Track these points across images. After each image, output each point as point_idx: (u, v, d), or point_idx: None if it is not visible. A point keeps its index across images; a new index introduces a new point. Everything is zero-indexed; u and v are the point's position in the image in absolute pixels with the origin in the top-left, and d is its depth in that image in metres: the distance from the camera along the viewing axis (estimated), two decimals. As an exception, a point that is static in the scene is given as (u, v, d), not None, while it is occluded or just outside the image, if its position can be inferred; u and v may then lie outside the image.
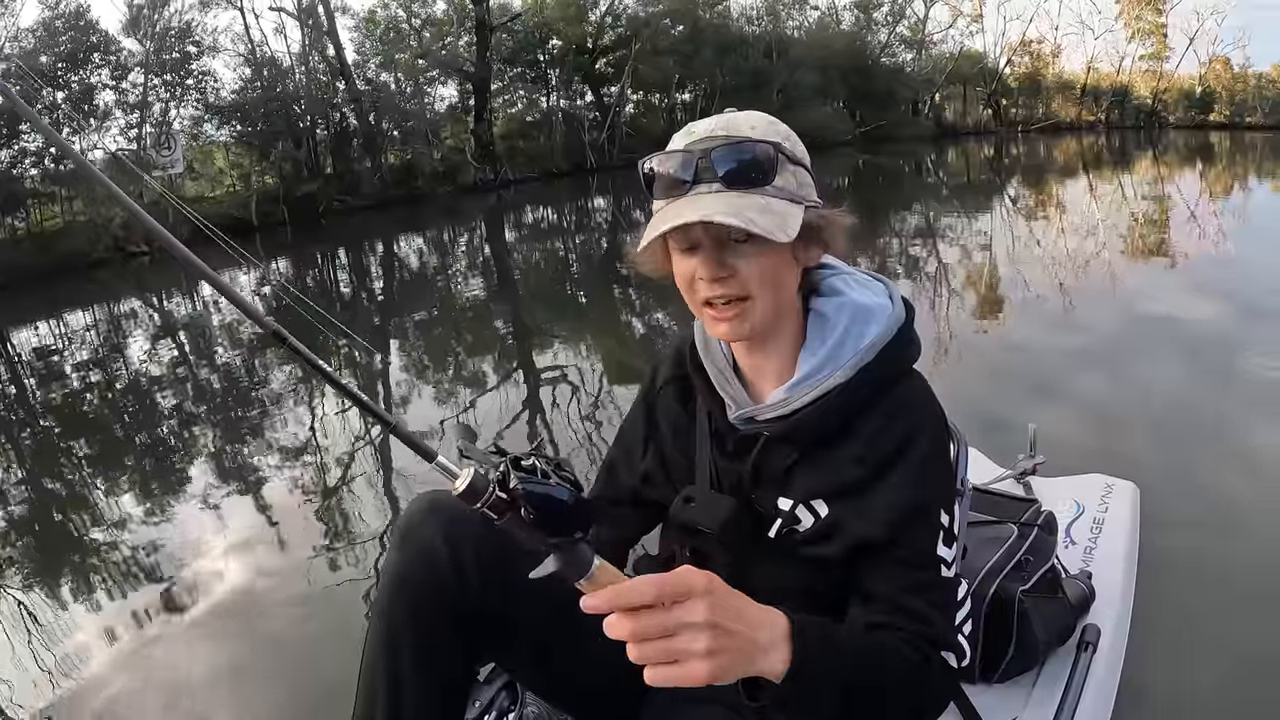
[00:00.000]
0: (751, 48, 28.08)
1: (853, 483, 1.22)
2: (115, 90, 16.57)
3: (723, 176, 1.15)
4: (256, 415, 5.62)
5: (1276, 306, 6.34)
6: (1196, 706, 2.22)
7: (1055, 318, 6.69)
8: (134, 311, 10.70)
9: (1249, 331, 5.74)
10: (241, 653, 2.91)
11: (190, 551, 3.65)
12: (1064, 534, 2.28)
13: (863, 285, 1.32)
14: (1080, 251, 9.68)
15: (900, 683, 1.11)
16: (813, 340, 1.27)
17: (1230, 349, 5.31)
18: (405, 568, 1.26)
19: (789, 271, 1.23)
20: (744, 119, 1.20)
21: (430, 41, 21.75)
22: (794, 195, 1.18)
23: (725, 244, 1.16)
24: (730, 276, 1.16)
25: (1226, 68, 39.03)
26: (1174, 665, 2.31)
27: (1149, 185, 17.67)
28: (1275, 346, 5.24)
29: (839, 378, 1.23)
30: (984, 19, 37.53)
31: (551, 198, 20.37)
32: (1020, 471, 2.60)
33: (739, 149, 1.15)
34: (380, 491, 4.15)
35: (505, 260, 12.30)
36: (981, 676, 1.74)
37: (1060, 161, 25.57)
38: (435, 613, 1.25)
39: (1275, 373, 4.78)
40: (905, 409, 1.24)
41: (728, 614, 0.89)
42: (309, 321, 1.58)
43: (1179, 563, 2.73)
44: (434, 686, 1.27)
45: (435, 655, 1.27)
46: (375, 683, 1.26)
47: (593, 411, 5.09)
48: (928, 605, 1.17)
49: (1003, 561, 1.76)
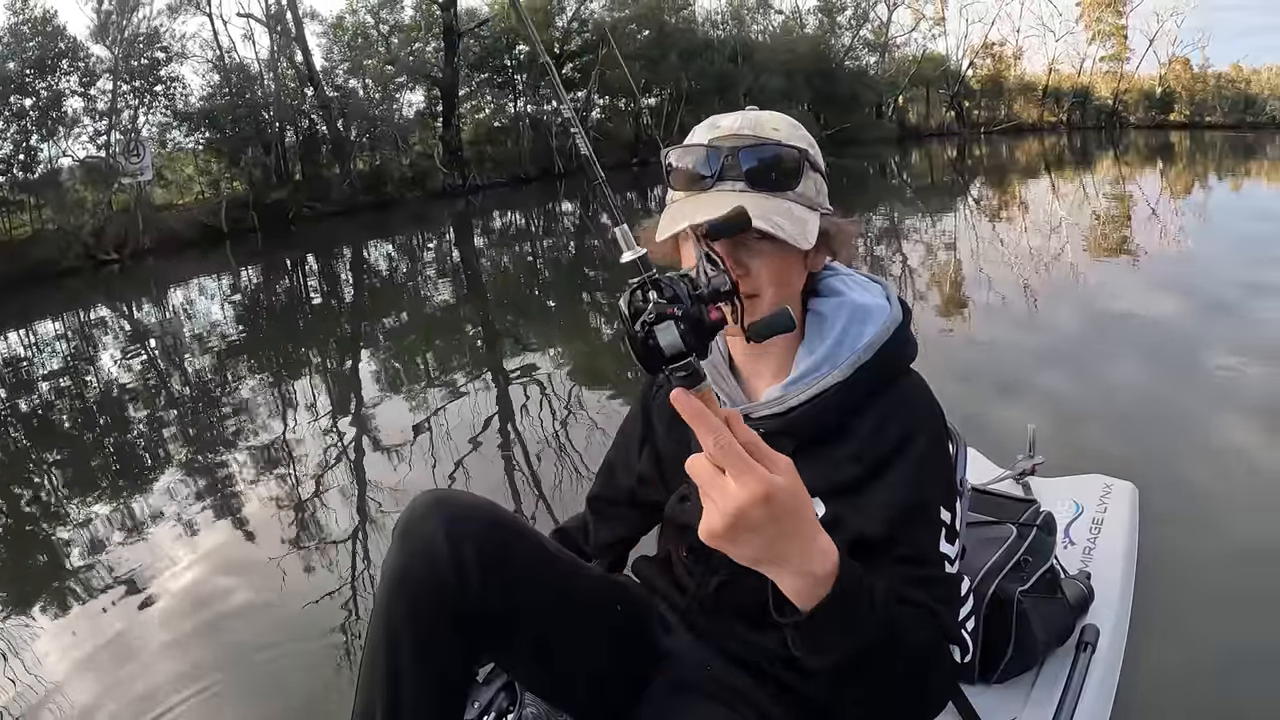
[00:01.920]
0: (717, 52, 28.23)
1: (850, 481, 1.22)
2: (84, 97, 16.47)
3: (747, 176, 1.16)
4: (229, 420, 5.61)
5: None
6: (1196, 706, 2.24)
7: (1021, 317, 6.90)
8: (103, 320, 10.67)
9: (1242, 331, 5.87)
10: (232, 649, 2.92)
11: (162, 560, 3.63)
12: (1063, 534, 2.27)
13: (861, 286, 1.33)
14: (1044, 250, 9.99)
15: (918, 655, 1.09)
16: (811, 339, 1.28)
17: (1194, 347, 5.45)
18: (406, 565, 1.24)
19: (797, 274, 1.25)
20: (768, 120, 1.21)
21: (399, 47, 21.74)
22: (813, 202, 1.21)
23: (742, 242, 1.16)
24: (743, 274, 1.17)
25: (1186, 68, 39.66)
26: (1173, 665, 2.33)
27: (1110, 185, 18.08)
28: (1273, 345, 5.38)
29: (836, 376, 1.23)
30: (946, 22, 38.11)
31: (520, 202, 20.41)
32: (1019, 472, 2.59)
33: (767, 151, 1.17)
34: (352, 498, 4.16)
35: (474, 265, 12.40)
36: (980, 677, 1.74)
37: (1023, 162, 25.99)
38: (435, 611, 1.23)
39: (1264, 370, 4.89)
40: (903, 408, 1.24)
41: (799, 497, 0.87)
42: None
43: (1178, 563, 2.75)
44: (433, 685, 1.25)
45: (435, 653, 1.25)
46: (374, 680, 1.25)
47: (566, 415, 5.12)
48: (932, 599, 1.16)
49: (1002, 562, 1.75)
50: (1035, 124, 37.98)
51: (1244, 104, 38.63)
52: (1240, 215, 13.06)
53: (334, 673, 2.69)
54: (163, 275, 13.17)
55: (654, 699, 1.40)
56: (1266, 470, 3.64)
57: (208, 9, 18.74)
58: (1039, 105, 38.70)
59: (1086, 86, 39.29)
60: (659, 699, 1.39)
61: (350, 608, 3.09)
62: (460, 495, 1.31)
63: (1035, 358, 5.57)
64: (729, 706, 1.30)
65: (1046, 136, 35.62)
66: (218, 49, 19.08)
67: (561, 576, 1.32)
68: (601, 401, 5.30)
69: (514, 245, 14.61)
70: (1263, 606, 2.63)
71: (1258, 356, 5.16)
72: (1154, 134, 36.03)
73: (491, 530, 1.26)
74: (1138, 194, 16.31)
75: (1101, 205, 14.48)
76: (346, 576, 3.36)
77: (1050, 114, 38.73)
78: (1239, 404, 4.45)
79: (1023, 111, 38.44)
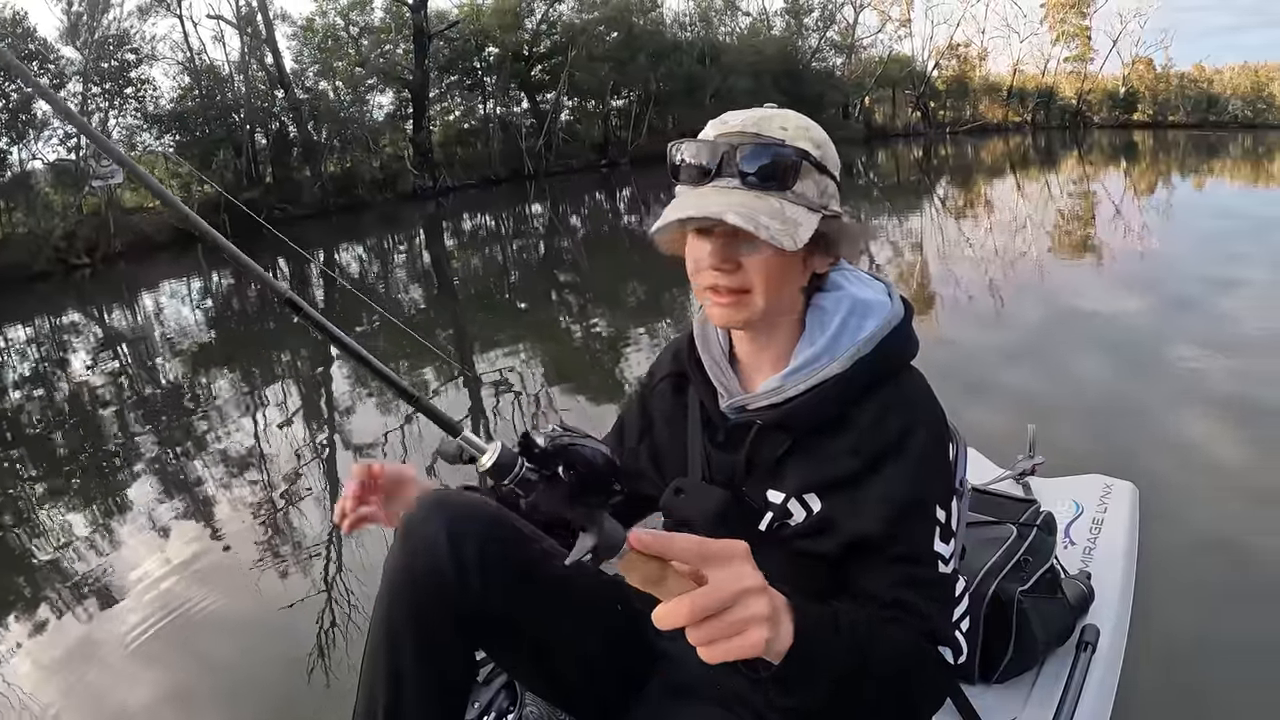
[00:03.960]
0: (685, 54, 28.23)
1: (846, 475, 1.21)
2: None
3: (743, 174, 1.16)
4: (200, 425, 5.62)
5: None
6: (1196, 706, 2.24)
7: (986, 317, 6.99)
8: (75, 325, 10.66)
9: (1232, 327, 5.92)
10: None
11: (129, 566, 3.64)
12: (1063, 534, 2.26)
13: (863, 282, 1.32)
14: (1009, 248, 10.17)
15: (895, 669, 1.10)
16: (811, 331, 1.27)
17: (1158, 343, 5.55)
18: (408, 565, 1.25)
19: (794, 273, 1.23)
20: (778, 118, 1.20)
21: (369, 49, 21.76)
22: (812, 203, 1.18)
23: (736, 238, 1.17)
24: (735, 270, 1.18)
25: (1149, 68, 39.85)
26: (1173, 665, 2.34)
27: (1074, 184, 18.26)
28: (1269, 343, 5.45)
29: (835, 368, 1.22)
30: (912, 24, 38.17)
31: (490, 204, 20.48)
32: (1019, 472, 2.57)
33: (765, 150, 1.16)
34: (324, 502, 4.12)
35: (444, 266, 12.52)
36: (980, 677, 1.73)
37: (988, 162, 25.98)
38: (437, 611, 1.24)
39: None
40: (902, 403, 1.23)
41: (758, 575, 0.89)
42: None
43: (1178, 563, 2.76)
44: (435, 684, 1.27)
45: (436, 653, 1.26)
46: (376, 679, 1.26)
47: (536, 413, 5.13)
48: (924, 600, 1.16)
49: (1002, 562, 1.75)
50: (1000, 124, 38.05)
51: (1206, 103, 38.85)
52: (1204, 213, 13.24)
53: (304, 680, 2.69)
54: (134, 279, 13.15)
55: (651, 699, 1.42)
56: (1267, 470, 3.63)
57: (178, 10, 18.69)
58: (1004, 105, 38.85)
59: (1051, 87, 39.43)
60: (656, 699, 1.41)
61: (322, 619, 3.07)
62: (461, 495, 1.33)
63: (1001, 355, 5.66)
64: (726, 708, 1.31)
65: (1011, 136, 35.51)
66: (188, 51, 19.04)
67: (560, 576, 1.32)
68: (575, 399, 5.40)
69: (484, 247, 14.71)
70: (1263, 606, 2.64)
71: (1219, 350, 5.27)
72: (1118, 133, 35.91)
73: (492, 530, 1.29)
74: (1101, 192, 16.53)
75: (1066, 204, 14.71)
76: (318, 580, 3.34)
77: (1015, 114, 38.84)
78: (1202, 395, 4.54)
79: (988, 112, 38.57)
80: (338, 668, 2.71)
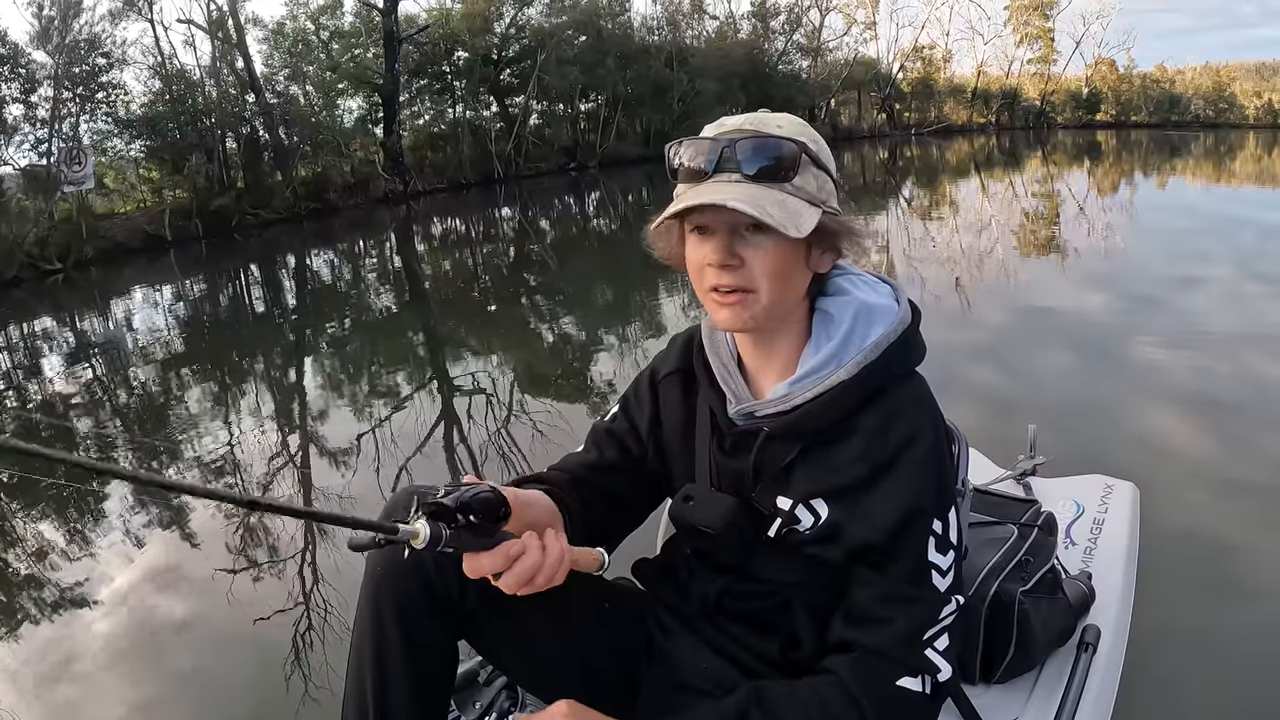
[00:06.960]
0: (653, 57, 28.25)
1: (853, 483, 1.22)
2: (24, 104, 16.24)
3: (744, 168, 1.16)
4: (173, 430, 5.62)
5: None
6: (1197, 707, 2.26)
7: (954, 314, 7.01)
8: (47, 332, 10.61)
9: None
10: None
11: (101, 573, 3.67)
12: (1064, 534, 2.26)
13: (869, 286, 1.31)
14: (975, 247, 10.46)
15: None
16: (818, 337, 1.26)
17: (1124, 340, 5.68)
18: (389, 556, 1.26)
19: (798, 272, 1.23)
20: (774, 118, 1.21)
21: (339, 54, 21.75)
22: (813, 197, 1.19)
23: (738, 233, 1.17)
24: (739, 266, 1.17)
25: (1112, 69, 40.32)
26: (1174, 666, 2.35)
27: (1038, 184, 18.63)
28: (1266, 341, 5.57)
29: (841, 375, 1.22)
30: (877, 26, 38.50)
31: (460, 208, 20.59)
32: (1020, 472, 2.58)
33: (763, 143, 1.16)
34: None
35: (415, 270, 12.62)
36: (981, 677, 1.74)
37: (953, 162, 26.31)
38: (418, 601, 1.27)
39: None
40: (904, 412, 1.23)
41: None
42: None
43: (1179, 563, 2.79)
44: (420, 672, 1.29)
45: (419, 632, 1.28)
46: (363, 660, 1.29)
47: (507, 417, 5.19)
48: (904, 617, 1.18)
49: (1003, 562, 1.74)
50: (965, 125, 38.48)
51: (1168, 104, 39.36)
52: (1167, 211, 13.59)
53: (281, 682, 2.72)
54: (107, 285, 13.12)
55: (649, 699, 1.43)
56: (1267, 470, 3.68)
57: (149, 15, 18.53)
58: (968, 107, 39.16)
59: (1015, 88, 39.79)
60: (654, 698, 1.42)
61: (298, 623, 3.10)
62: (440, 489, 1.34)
63: (980, 355, 5.74)
64: None
65: (976, 137, 35.81)
66: (159, 55, 18.91)
67: None
68: (543, 402, 5.49)
69: (454, 251, 14.83)
70: (1263, 606, 2.66)
71: (1220, 350, 5.39)
72: (1081, 134, 36.34)
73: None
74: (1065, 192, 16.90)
75: (1030, 204, 15.01)
76: (294, 587, 3.36)
77: (979, 115, 39.19)
78: (1202, 396, 4.62)
79: (953, 113, 38.85)
80: (317, 674, 2.76)
